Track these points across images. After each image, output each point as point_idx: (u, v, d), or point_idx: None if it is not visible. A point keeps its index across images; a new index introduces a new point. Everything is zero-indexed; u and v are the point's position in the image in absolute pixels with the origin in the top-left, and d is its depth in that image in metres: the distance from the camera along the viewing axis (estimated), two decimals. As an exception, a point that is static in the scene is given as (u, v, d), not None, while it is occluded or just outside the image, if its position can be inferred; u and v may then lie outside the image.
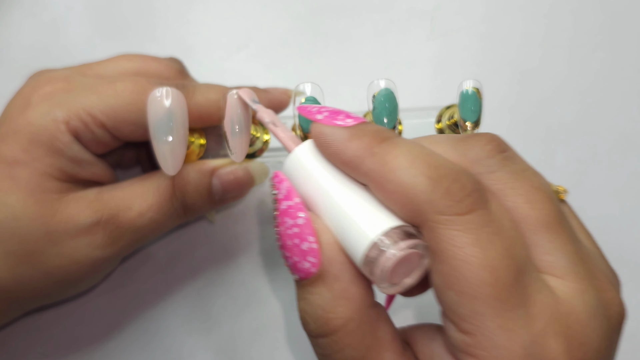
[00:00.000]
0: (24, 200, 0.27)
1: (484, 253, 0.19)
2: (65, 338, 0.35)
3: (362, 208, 0.21)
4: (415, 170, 0.20)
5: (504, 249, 0.19)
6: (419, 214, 0.20)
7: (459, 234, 0.19)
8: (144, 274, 0.35)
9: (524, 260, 0.20)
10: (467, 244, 0.19)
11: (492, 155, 0.22)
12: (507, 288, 0.19)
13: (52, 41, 0.40)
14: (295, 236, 0.21)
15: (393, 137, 0.21)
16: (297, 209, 0.22)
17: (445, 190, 0.19)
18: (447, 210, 0.19)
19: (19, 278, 0.28)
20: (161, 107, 0.25)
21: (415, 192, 0.19)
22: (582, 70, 0.40)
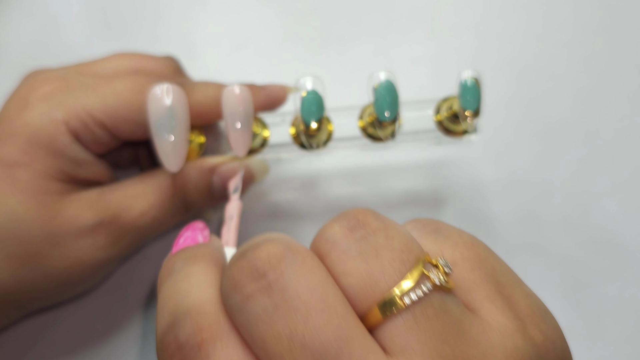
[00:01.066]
0: (25, 202, 0.27)
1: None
2: (65, 340, 0.34)
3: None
4: (159, 314, 0.19)
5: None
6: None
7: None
8: (143, 275, 0.35)
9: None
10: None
11: (236, 290, 0.18)
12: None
13: (51, 40, 0.40)
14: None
15: (175, 269, 0.20)
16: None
17: (162, 342, 0.18)
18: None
19: (20, 280, 0.28)
20: (162, 103, 0.25)
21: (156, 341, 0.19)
22: (581, 68, 0.40)
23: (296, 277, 0.17)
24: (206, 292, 0.18)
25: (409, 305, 0.17)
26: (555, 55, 0.40)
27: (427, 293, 0.17)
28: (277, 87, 0.32)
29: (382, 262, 0.17)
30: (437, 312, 0.17)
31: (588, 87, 0.39)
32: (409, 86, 0.33)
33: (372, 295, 0.17)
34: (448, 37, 0.41)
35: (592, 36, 0.40)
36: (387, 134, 0.29)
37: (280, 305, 0.17)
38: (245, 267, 0.18)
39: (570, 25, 0.41)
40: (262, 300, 0.17)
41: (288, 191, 0.37)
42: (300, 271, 0.17)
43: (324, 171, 0.37)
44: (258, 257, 0.18)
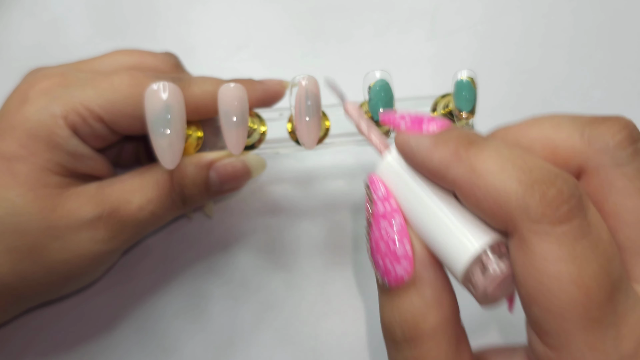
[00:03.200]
0: (24, 196, 0.28)
1: (578, 270, 0.17)
2: (64, 336, 0.35)
3: (459, 219, 0.20)
4: (506, 174, 0.18)
5: (599, 265, 0.17)
6: (510, 221, 0.18)
7: (552, 247, 0.17)
8: (142, 270, 0.35)
9: (619, 276, 0.18)
10: (560, 258, 0.17)
11: (623, 146, 0.20)
12: (599, 307, 0.17)
13: (52, 41, 0.41)
14: (390, 240, 0.21)
15: (480, 140, 0.20)
16: (393, 214, 0.21)
17: (539, 196, 0.18)
18: (542, 219, 0.18)
19: (21, 274, 0.28)
20: (158, 101, 0.26)
21: (506, 198, 0.18)
22: (582, 70, 0.40)
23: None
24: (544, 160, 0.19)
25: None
26: (557, 56, 0.40)
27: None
28: (274, 82, 0.32)
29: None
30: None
31: (590, 88, 0.39)
32: (408, 86, 0.33)
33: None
34: (448, 37, 0.41)
35: (593, 36, 0.40)
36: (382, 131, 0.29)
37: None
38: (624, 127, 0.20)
39: (571, 26, 0.41)
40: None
41: (285, 186, 0.37)
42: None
43: (321, 167, 0.37)
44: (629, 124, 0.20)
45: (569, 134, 0.20)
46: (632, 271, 0.19)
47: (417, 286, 0.21)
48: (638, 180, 0.19)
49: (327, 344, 0.34)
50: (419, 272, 0.21)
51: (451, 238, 0.20)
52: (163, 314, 0.35)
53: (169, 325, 0.35)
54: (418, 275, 0.21)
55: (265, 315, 0.35)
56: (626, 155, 0.20)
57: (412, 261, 0.21)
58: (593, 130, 0.20)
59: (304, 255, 0.36)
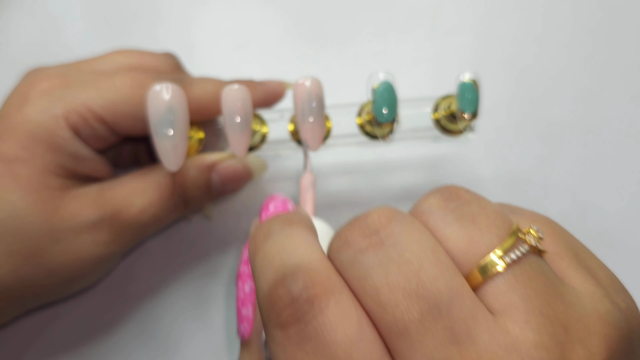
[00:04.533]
0: (25, 198, 0.27)
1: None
2: (64, 337, 0.34)
3: None
4: (263, 273, 0.18)
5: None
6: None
7: (277, 352, 0.17)
8: (142, 272, 0.35)
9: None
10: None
11: (346, 247, 0.18)
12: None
13: (51, 40, 0.41)
14: (241, 300, 0.23)
15: (274, 232, 0.19)
16: (246, 277, 0.23)
17: (272, 297, 0.17)
18: (271, 322, 0.17)
19: (22, 276, 0.28)
20: (161, 102, 0.26)
21: (258, 298, 0.18)
22: (581, 68, 0.40)
23: (406, 234, 0.18)
24: (313, 250, 0.19)
25: (509, 264, 0.17)
26: (556, 56, 0.40)
27: (524, 254, 0.18)
28: (275, 83, 0.32)
29: (480, 227, 0.18)
30: (536, 272, 0.18)
31: (588, 88, 0.39)
32: (408, 86, 0.33)
33: (473, 257, 0.18)
34: (448, 37, 0.41)
35: (593, 36, 0.40)
36: (384, 133, 0.29)
37: (393, 257, 0.17)
38: (357, 226, 0.18)
39: (571, 25, 0.41)
40: (375, 253, 0.18)
41: (285, 187, 0.37)
42: (410, 229, 0.18)
43: (322, 167, 0.37)
44: (369, 217, 0.18)
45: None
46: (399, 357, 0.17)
47: (249, 349, 0.22)
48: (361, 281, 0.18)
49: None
50: (253, 337, 0.22)
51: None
52: (163, 315, 0.35)
53: (170, 326, 0.35)
54: (252, 339, 0.22)
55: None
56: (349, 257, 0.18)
57: (251, 325, 0.22)
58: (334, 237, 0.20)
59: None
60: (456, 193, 0.19)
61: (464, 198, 0.19)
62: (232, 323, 0.35)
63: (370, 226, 0.18)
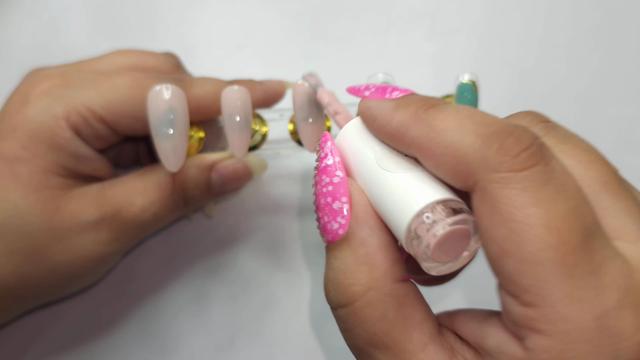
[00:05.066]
0: (26, 197, 0.28)
1: (547, 212, 0.17)
2: (65, 336, 0.35)
3: (408, 181, 0.20)
4: (464, 129, 0.18)
5: (568, 208, 0.17)
6: (470, 174, 0.18)
7: (516, 193, 0.17)
8: (143, 271, 0.35)
9: (591, 222, 0.17)
10: (527, 203, 0.17)
11: (533, 124, 0.20)
12: (574, 252, 0.16)
13: (52, 41, 0.41)
14: (328, 194, 0.21)
15: (441, 102, 0.20)
16: (335, 168, 0.21)
17: (498, 145, 0.17)
18: (502, 167, 0.17)
19: (23, 275, 0.28)
20: (162, 103, 0.26)
21: (465, 150, 0.18)
22: (581, 70, 0.40)
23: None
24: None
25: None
26: (556, 56, 0.40)
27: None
28: (275, 83, 0.32)
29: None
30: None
31: (588, 88, 0.39)
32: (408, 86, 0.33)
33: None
34: (448, 37, 0.41)
35: (593, 37, 0.40)
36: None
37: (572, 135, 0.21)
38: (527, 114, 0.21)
39: (571, 26, 0.41)
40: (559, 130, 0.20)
41: (285, 186, 0.37)
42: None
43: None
44: (531, 112, 0.21)
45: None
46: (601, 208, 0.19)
47: (350, 243, 0.20)
48: (558, 146, 0.19)
49: (327, 344, 0.34)
50: (353, 229, 0.20)
51: (397, 200, 0.19)
52: (164, 314, 0.35)
53: (170, 325, 0.35)
54: (352, 232, 0.20)
55: (266, 315, 0.35)
56: (538, 130, 0.20)
57: (349, 217, 0.20)
58: (504, 119, 0.20)
59: (304, 255, 0.36)
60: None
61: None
62: (231, 322, 0.35)
63: (539, 116, 0.21)
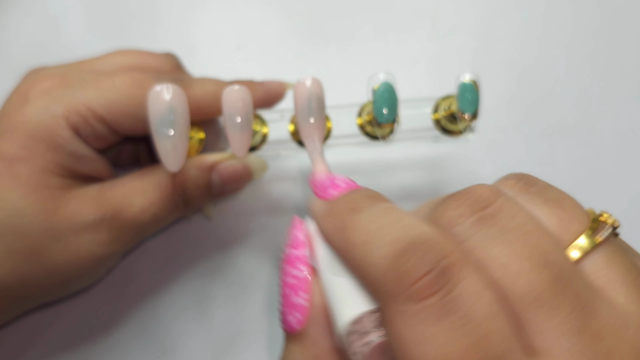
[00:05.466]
0: (25, 197, 0.27)
1: (441, 350, 0.15)
2: (64, 337, 0.34)
3: (347, 286, 0.19)
4: (373, 245, 0.17)
5: (468, 343, 0.16)
6: (376, 297, 0.17)
7: (410, 327, 0.16)
8: (143, 272, 0.35)
9: (499, 353, 0.16)
10: (421, 339, 0.16)
11: (462, 219, 0.18)
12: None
13: (51, 40, 0.41)
14: (290, 287, 0.21)
15: (364, 206, 0.19)
16: (300, 262, 0.21)
17: (399, 270, 0.16)
18: (399, 296, 0.16)
19: (21, 275, 0.28)
20: (162, 103, 0.25)
21: (370, 271, 0.17)
22: (581, 69, 0.40)
23: (516, 208, 0.18)
24: (426, 223, 0.18)
25: (600, 244, 0.18)
26: (556, 56, 0.40)
27: (609, 235, 0.19)
28: (275, 83, 0.32)
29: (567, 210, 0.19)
30: (622, 251, 0.19)
31: (589, 88, 0.39)
32: (408, 86, 0.33)
33: (567, 237, 0.18)
34: (448, 37, 0.41)
35: (593, 36, 0.40)
36: (384, 134, 0.29)
37: (513, 229, 0.18)
38: (465, 200, 0.19)
39: (571, 26, 0.41)
40: (494, 225, 0.18)
41: (285, 187, 0.37)
42: (517, 205, 0.18)
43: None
44: (476, 192, 0.19)
45: (424, 215, 0.19)
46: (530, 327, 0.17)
47: (302, 342, 0.20)
48: (484, 251, 0.17)
49: (328, 344, 0.34)
50: (308, 328, 0.20)
51: (333, 304, 0.19)
52: (164, 315, 0.35)
53: (170, 326, 0.35)
54: (306, 331, 0.20)
55: (266, 316, 0.35)
56: (465, 229, 0.18)
57: (306, 314, 0.20)
58: (440, 207, 0.19)
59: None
60: (531, 179, 0.20)
61: (540, 184, 0.20)
62: (232, 323, 0.35)
63: (479, 200, 0.18)
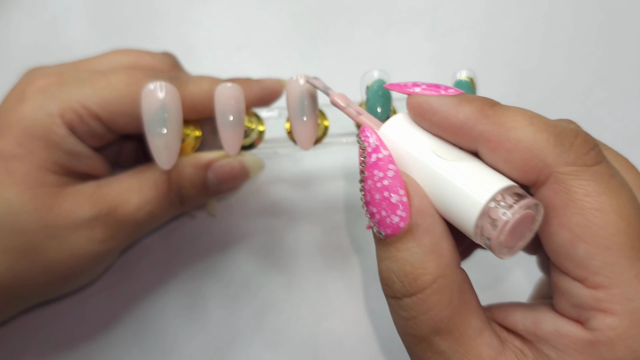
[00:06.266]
0: (21, 195, 0.28)
1: (617, 201, 0.19)
2: (63, 336, 0.34)
3: (472, 170, 0.20)
4: (536, 127, 0.20)
5: (631, 199, 0.19)
6: (544, 168, 0.19)
7: (590, 184, 0.19)
8: (141, 270, 0.35)
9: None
10: (599, 192, 0.19)
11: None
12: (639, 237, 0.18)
13: (51, 41, 0.41)
14: (384, 189, 0.21)
15: (500, 103, 0.21)
16: (387, 162, 0.21)
17: (570, 144, 0.20)
18: (576, 161, 0.19)
19: (18, 273, 0.28)
20: (155, 100, 0.26)
21: (540, 146, 0.19)
22: (581, 70, 0.39)
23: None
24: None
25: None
26: (557, 56, 0.40)
27: None
28: (272, 81, 0.32)
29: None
30: None
31: (589, 88, 0.39)
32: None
33: None
34: (448, 37, 0.41)
35: (593, 36, 0.40)
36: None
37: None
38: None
39: (570, 26, 0.40)
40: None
41: (283, 187, 0.37)
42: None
43: (320, 166, 0.37)
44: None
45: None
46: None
47: (414, 235, 0.20)
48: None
49: (327, 344, 0.34)
50: (415, 220, 0.20)
51: (460, 192, 0.20)
52: (162, 313, 0.35)
53: (168, 325, 0.35)
54: (415, 223, 0.20)
55: (266, 315, 0.35)
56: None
57: (408, 209, 0.20)
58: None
59: (303, 255, 0.36)
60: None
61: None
62: (231, 322, 0.35)
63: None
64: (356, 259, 0.35)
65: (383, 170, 0.21)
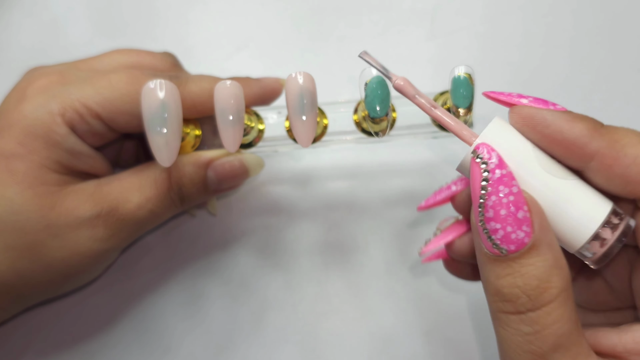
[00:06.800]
0: (22, 193, 0.28)
1: None
2: (63, 334, 0.35)
3: (583, 188, 0.22)
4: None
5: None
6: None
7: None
8: (142, 269, 0.36)
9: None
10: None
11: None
12: None
13: (52, 41, 0.41)
14: (510, 204, 0.21)
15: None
16: (510, 177, 0.21)
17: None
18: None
19: (19, 272, 0.28)
20: (155, 99, 0.26)
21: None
22: (583, 70, 0.39)
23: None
24: None
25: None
26: (557, 56, 0.40)
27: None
28: (271, 80, 0.32)
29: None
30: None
31: (589, 88, 0.39)
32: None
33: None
34: (448, 37, 0.41)
35: (593, 37, 0.40)
36: (379, 129, 0.29)
37: None
38: None
39: (571, 26, 0.40)
40: None
41: (284, 186, 0.37)
42: None
43: (320, 165, 0.37)
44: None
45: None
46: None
47: (538, 250, 0.21)
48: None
49: (327, 344, 0.34)
50: (538, 235, 0.21)
51: (576, 205, 0.21)
52: (163, 312, 0.35)
53: (168, 323, 0.35)
54: (538, 238, 0.21)
55: (265, 314, 0.35)
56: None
57: (531, 224, 0.21)
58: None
59: (303, 254, 0.36)
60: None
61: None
62: (231, 321, 0.35)
63: None
64: (356, 258, 0.35)
65: (508, 186, 0.21)
